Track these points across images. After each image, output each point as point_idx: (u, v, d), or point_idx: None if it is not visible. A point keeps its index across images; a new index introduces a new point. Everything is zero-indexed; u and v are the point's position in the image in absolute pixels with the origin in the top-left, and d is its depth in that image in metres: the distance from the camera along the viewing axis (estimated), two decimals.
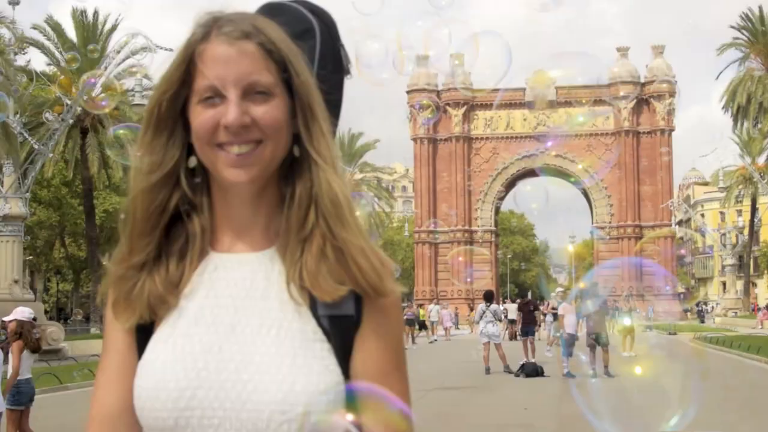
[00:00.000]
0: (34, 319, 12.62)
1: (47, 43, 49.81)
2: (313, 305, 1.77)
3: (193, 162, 1.84)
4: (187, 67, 1.78)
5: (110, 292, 1.87)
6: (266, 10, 2.11)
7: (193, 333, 1.77)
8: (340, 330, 1.76)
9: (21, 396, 11.82)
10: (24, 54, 48.62)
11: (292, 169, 1.83)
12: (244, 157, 1.75)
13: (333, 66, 2.13)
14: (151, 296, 1.80)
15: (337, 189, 1.79)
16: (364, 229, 1.82)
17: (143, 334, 1.82)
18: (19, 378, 11.72)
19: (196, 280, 1.83)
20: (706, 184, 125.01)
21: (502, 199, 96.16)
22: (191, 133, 1.80)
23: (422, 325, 53.04)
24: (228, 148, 1.75)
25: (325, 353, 1.74)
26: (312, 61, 2.03)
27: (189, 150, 1.84)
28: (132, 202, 1.84)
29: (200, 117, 1.76)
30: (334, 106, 2.07)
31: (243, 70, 1.74)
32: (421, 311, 54.41)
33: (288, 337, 1.73)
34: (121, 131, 6.30)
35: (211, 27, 1.78)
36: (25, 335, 11.87)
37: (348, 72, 2.19)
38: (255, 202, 1.83)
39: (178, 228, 1.85)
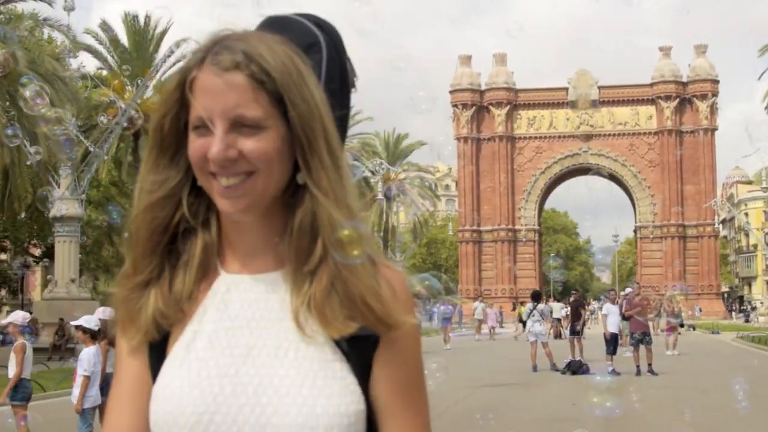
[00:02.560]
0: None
1: (99, 47, 50.70)
2: None
3: None
4: (182, 92, 1.73)
5: (117, 313, 1.83)
6: (270, 24, 2.04)
7: (208, 356, 1.72)
8: (360, 349, 1.73)
9: (108, 388, 12.63)
10: (76, 58, 49.56)
11: (295, 196, 1.76)
12: (232, 189, 1.69)
13: (340, 80, 2.05)
14: (155, 313, 1.77)
15: (337, 223, 1.72)
16: (371, 259, 1.77)
17: (156, 352, 1.79)
18: (106, 373, 12.53)
19: (208, 301, 1.79)
20: (750, 182, 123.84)
21: (545, 197, 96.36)
22: None
23: (523, 323, 51.72)
24: (218, 178, 1.70)
25: (345, 373, 1.70)
26: (318, 76, 1.93)
27: None
28: (135, 221, 1.80)
29: (192, 145, 1.71)
30: (340, 121, 1.98)
31: (229, 103, 1.66)
32: (521, 308, 53.31)
33: (306, 358, 1.69)
34: None
35: (207, 52, 1.71)
36: (108, 333, 12.59)
37: (353, 86, 2.13)
38: (260, 228, 1.78)
39: (182, 244, 1.81)
